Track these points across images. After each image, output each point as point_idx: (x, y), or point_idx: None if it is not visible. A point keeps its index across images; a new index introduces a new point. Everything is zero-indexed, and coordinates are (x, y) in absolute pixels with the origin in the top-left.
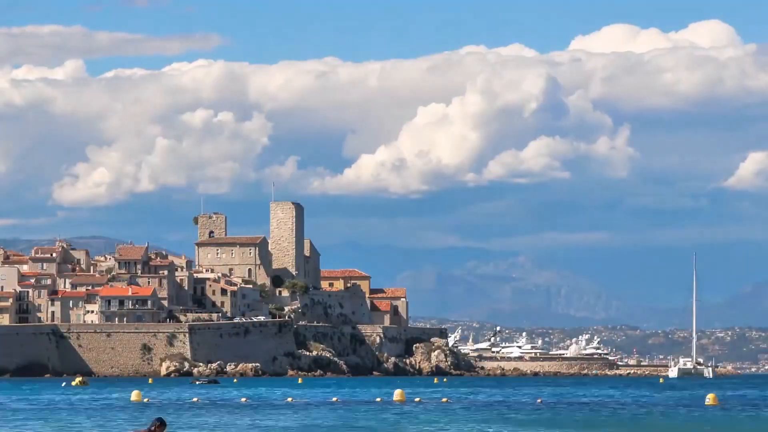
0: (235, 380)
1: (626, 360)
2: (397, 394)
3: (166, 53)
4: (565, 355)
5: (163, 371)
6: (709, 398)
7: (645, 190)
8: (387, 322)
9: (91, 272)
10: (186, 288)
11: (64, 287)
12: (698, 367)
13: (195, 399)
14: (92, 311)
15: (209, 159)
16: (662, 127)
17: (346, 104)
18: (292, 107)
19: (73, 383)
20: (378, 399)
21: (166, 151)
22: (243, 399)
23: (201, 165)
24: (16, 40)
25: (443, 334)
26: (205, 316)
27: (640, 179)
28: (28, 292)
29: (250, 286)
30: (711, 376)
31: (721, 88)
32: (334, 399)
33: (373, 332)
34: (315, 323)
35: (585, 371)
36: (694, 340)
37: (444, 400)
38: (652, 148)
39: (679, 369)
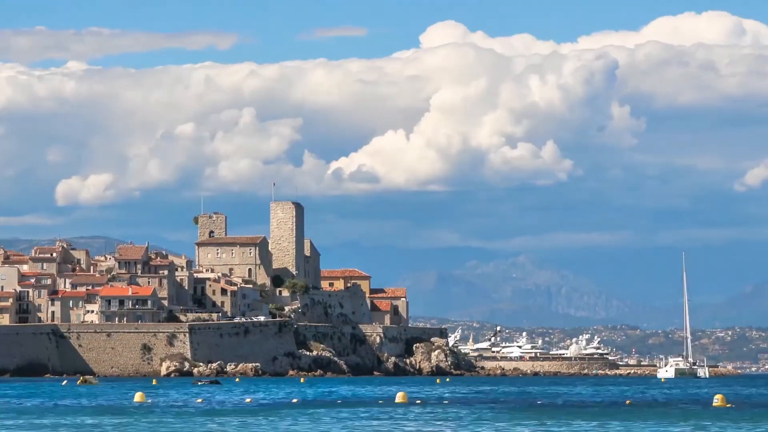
0: (237, 380)
1: (626, 360)
2: (399, 396)
3: (202, 48)
4: (565, 355)
5: (164, 371)
6: (717, 399)
7: (647, 190)
8: (387, 321)
9: (91, 272)
10: (186, 288)
11: (64, 287)
12: (693, 367)
13: (199, 400)
14: (92, 311)
15: (214, 159)
16: (682, 125)
17: (372, 102)
18: (322, 107)
19: (78, 383)
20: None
21: (169, 151)
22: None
23: (204, 165)
24: (52, 37)
25: (443, 334)
26: (205, 316)
27: (644, 179)
28: (28, 292)
29: (250, 285)
30: (706, 376)
31: (762, 87)
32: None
33: (373, 332)
34: (315, 323)
35: (585, 371)
36: (687, 340)
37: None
38: (664, 147)
39: (675, 369)
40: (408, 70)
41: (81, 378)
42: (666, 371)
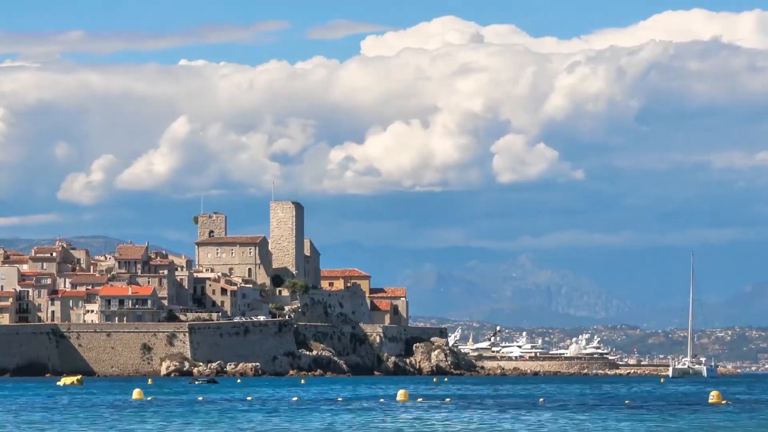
0: (238, 380)
1: (626, 359)
2: (401, 395)
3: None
4: (565, 355)
5: (163, 371)
6: (713, 395)
7: (650, 190)
8: (387, 321)
9: (91, 272)
10: (186, 287)
11: (64, 287)
12: (696, 366)
13: (200, 398)
14: (92, 311)
15: (216, 159)
16: (693, 124)
17: (394, 98)
18: (343, 105)
19: (60, 383)
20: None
21: (170, 150)
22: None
23: (205, 165)
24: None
25: (443, 333)
26: (205, 315)
27: (649, 179)
28: (28, 291)
29: (250, 285)
30: (706, 375)
31: None
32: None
33: (373, 332)
34: (315, 323)
35: (585, 371)
36: (689, 340)
37: (447, 400)
38: (674, 146)
39: (674, 369)
40: (438, 66)
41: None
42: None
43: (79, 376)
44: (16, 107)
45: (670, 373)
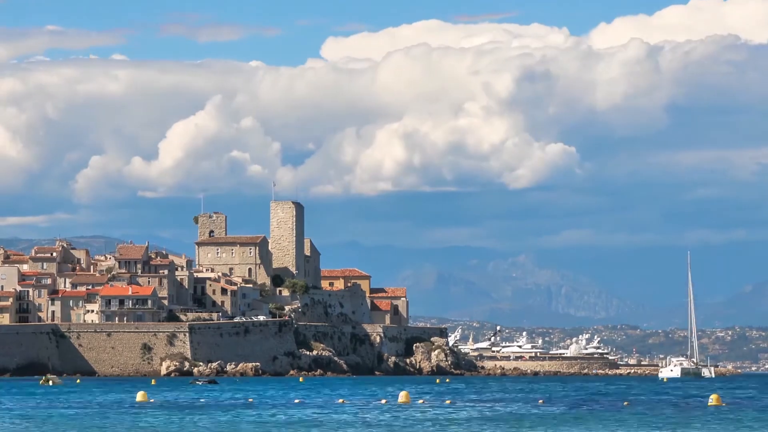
0: (237, 381)
1: (626, 359)
2: (402, 396)
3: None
4: (565, 355)
5: (164, 371)
6: (712, 399)
7: (657, 190)
8: (387, 321)
9: (92, 272)
10: (186, 287)
11: (65, 287)
12: (698, 366)
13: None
14: (92, 311)
15: (216, 158)
16: (707, 122)
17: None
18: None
19: (41, 382)
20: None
21: (171, 151)
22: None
23: (206, 164)
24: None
25: (443, 333)
26: (205, 315)
27: (657, 178)
28: (28, 291)
29: (251, 285)
30: (711, 375)
31: None
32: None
33: (373, 332)
34: (315, 323)
35: (585, 371)
36: (694, 339)
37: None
38: (680, 146)
39: (681, 369)
40: (453, 65)
41: (44, 377)
42: (671, 371)
43: (54, 376)
44: (40, 106)
45: (669, 372)
